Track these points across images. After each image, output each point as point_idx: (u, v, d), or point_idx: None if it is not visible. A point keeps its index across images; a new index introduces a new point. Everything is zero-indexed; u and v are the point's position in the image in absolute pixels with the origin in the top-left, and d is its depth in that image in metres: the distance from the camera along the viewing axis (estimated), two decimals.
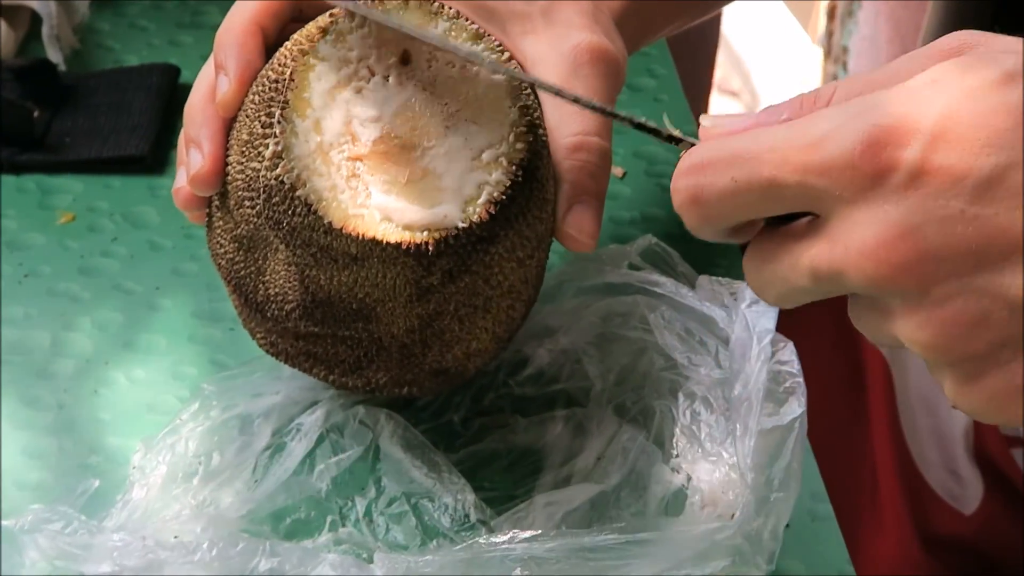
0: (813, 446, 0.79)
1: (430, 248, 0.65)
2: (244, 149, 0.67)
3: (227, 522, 0.71)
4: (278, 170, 0.65)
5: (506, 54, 0.69)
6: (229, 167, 0.69)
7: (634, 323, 0.78)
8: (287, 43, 0.68)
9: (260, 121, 0.66)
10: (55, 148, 0.98)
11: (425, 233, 0.65)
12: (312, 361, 0.73)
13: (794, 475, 0.67)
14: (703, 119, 0.57)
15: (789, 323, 0.72)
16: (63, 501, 0.71)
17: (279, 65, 0.67)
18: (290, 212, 0.65)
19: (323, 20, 0.67)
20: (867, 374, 1.11)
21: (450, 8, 0.68)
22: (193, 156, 0.70)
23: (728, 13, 1.80)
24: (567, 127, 0.71)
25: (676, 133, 0.58)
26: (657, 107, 1.04)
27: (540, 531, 0.66)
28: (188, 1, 1.14)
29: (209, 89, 0.71)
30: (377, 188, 0.65)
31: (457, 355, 0.71)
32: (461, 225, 0.65)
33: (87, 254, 0.91)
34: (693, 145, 0.57)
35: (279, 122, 0.65)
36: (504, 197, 0.66)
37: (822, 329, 1.10)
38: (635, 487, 0.73)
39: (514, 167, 0.67)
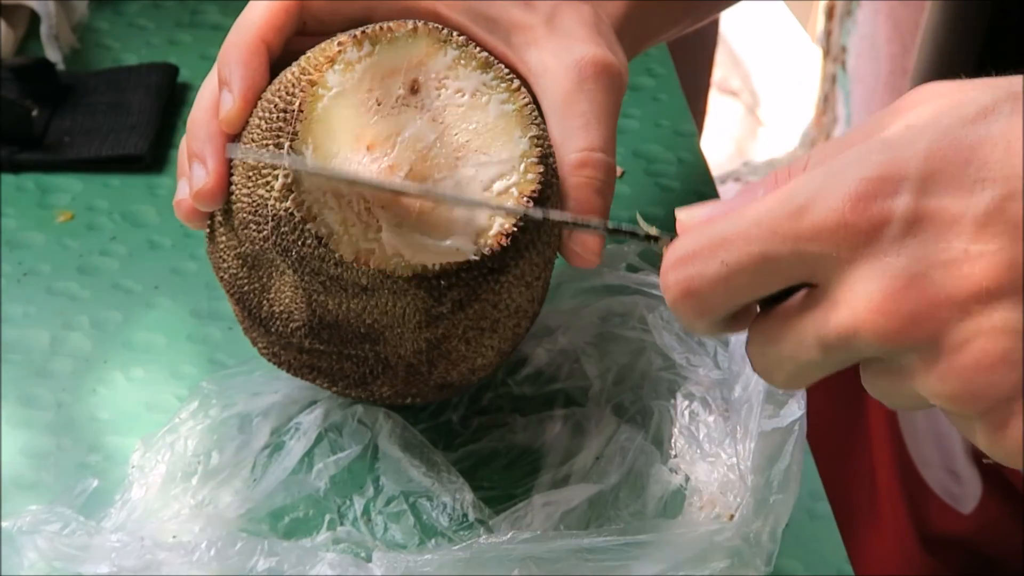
0: (811, 445, 0.79)
1: (442, 282, 0.65)
2: (251, 174, 0.67)
3: (225, 521, 0.72)
4: (288, 203, 0.64)
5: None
6: (234, 187, 0.68)
7: (633, 323, 0.78)
8: (294, 70, 0.67)
9: (267, 151, 0.66)
10: (54, 147, 0.98)
11: (437, 266, 0.65)
12: (316, 373, 0.73)
13: (793, 477, 0.67)
14: (679, 212, 0.56)
15: None
16: (61, 501, 0.71)
17: (287, 94, 0.66)
18: (300, 243, 0.65)
19: (331, 50, 0.66)
20: None
21: (459, 36, 0.67)
22: (197, 171, 0.69)
23: (727, 13, 1.80)
24: (572, 143, 0.71)
25: (654, 232, 0.57)
26: (656, 106, 1.04)
27: (539, 531, 0.66)
28: (187, 0, 1.14)
29: (212, 102, 0.70)
30: (388, 221, 0.65)
31: (463, 371, 0.71)
32: (473, 258, 0.65)
33: (86, 253, 0.91)
34: (674, 239, 0.55)
35: (289, 153, 0.64)
36: (516, 228, 0.66)
37: None
38: (633, 487, 0.73)
39: (525, 199, 0.66)
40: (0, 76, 1.00)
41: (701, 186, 0.97)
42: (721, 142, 2.78)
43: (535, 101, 0.72)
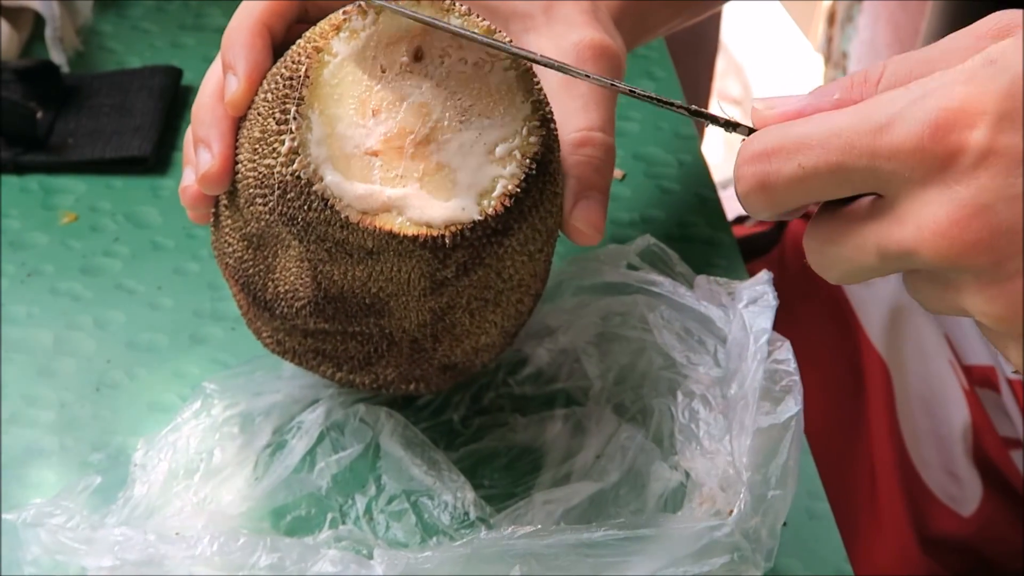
0: (812, 446, 0.79)
1: (447, 241, 0.65)
2: (257, 147, 0.67)
3: (228, 519, 0.72)
4: (294, 166, 0.65)
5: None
6: (239, 165, 0.69)
7: (633, 322, 0.78)
8: (300, 41, 0.68)
9: (275, 118, 0.66)
10: (58, 149, 0.99)
11: (442, 225, 0.66)
12: (320, 358, 0.73)
13: (791, 473, 0.67)
14: (755, 102, 0.57)
15: (788, 323, 0.73)
16: (65, 496, 0.71)
17: (292, 63, 0.67)
18: (306, 207, 0.66)
19: (336, 18, 0.67)
20: (866, 375, 1.11)
21: (461, 5, 0.68)
22: (202, 155, 0.70)
23: (728, 19, 1.80)
24: (572, 122, 0.72)
25: (733, 119, 0.59)
26: (657, 110, 1.04)
27: (539, 527, 0.67)
28: (190, 3, 1.15)
29: (217, 89, 0.71)
30: (393, 184, 0.66)
31: (467, 349, 0.72)
32: (477, 218, 0.66)
33: (89, 254, 0.92)
34: (751, 131, 0.57)
35: (295, 118, 0.65)
36: (519, 190, 0.67)
37: (821, 329, 1.11)
38: (634, 485, 0.73)
39: (528, 160, 0.67)
40: (4, 78, 1.01)
41: (702, 189, 0.97)
42: (720, 148, 2.78)
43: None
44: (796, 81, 2.79)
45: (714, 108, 0.61)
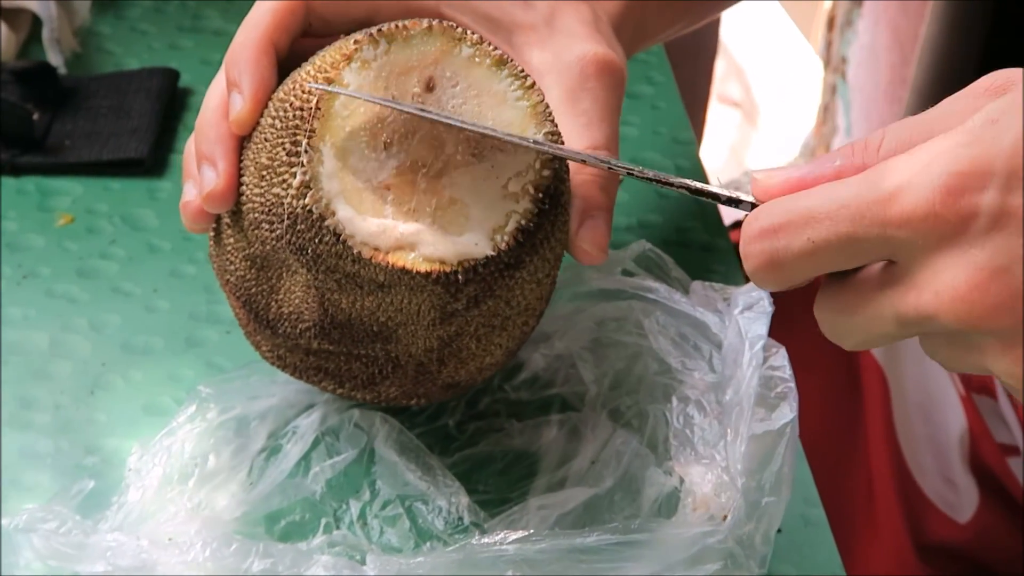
0: (808, 452, 0.79)
1: (459, 277, 0.65)
2: (264, 173, 0.67)
3: (221, 524, 0.72)
4: (306, 200, 0.64)
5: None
6: (244, 187, 0.68)
7: (629, 328, 0.78)
8: (309, 68, 0.67)
9: (284, 148, 0.65)
10: (55, 150, 0.98)
11: (456, 262, 0.65)
12: (322, 375, 0.73)
13: (785, 480, 0.67)
14: (754, 173, 0.57)
15: (784, 328, 0.73)
16: (58, 501, 0.71)
17: (303, 92, 0.66)
18: (316, 240, 0.65)
19: (346, 47, 0.66)
20: (863, 381, 1.11)
21: (473, 34, 0.67)
22: (207, 173, 0.69)
23: (729, 22, 1.80)
24: (576, 141, 0.72)
25: (735, 195, 0.58)
26: (655, 114, 1.04)
27: (533, 531, 0.66)
28: (188, 5, 1.15)
29: (221, 104, 0.70)
30: (406, 218, 0.65)
31: (471, 370, 0.72)
32: (490, 253, 0.65)
33: (86, 256, 0.91)
34: (754, 206, 0.57)
35: (306, 151, 0.64)
36: (531, 225, 0.66)
37: (817, 336, 1.11)
38: (628, 490, 0.73)
39: (540, 194, 0.67)
40: (2, 79, 1.01)
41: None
42: (720, 151, 2.78)
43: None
44: (797, 84, 2.79)
45: (713, 182, 0.60)
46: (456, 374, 0.72)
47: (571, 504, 0.72)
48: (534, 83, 0.68)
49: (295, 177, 0.65)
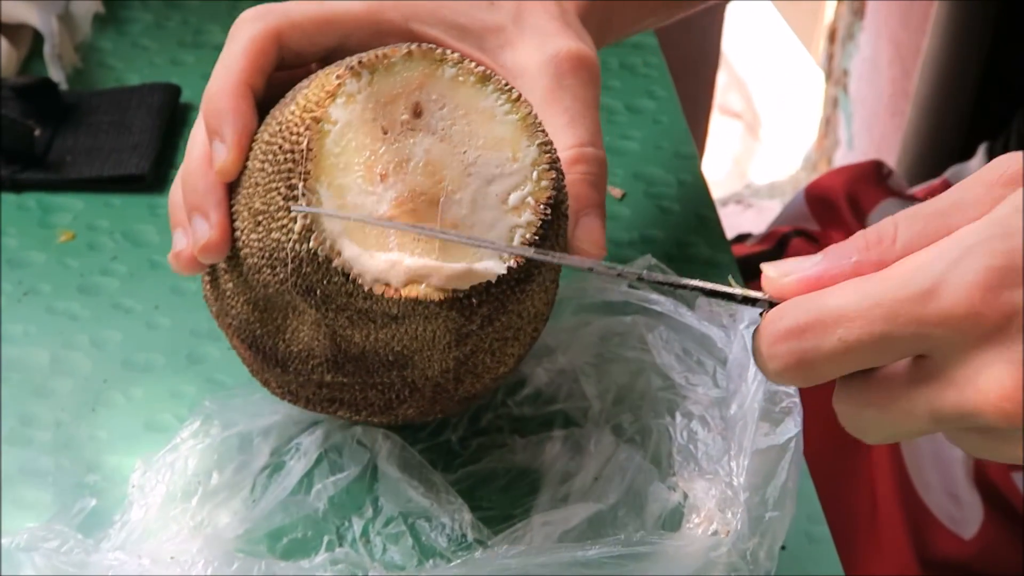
0: (811, 468, 0.79)
1: (473, 301, 0.65)
2: (260, 218, 0.66)
3: (223, 542, 0.71)
4: (310, 243, 0.63)
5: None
6: (239, 232, 0.68)
7: (632, 343, 0.78)
8: (292, 108, 0.66)
9: (280, 193, 0.65)
10: (56, 166, 0.98)
11: (466, 287, 0.65)
12: (337, 405, 0.72)
13: (789, 495, 0.67)
14: (766, 268, 0.56)
15: None
16: (59, 520, 0.70)
17: (291, 134, 0.65)
18: (324, 281, 0.64)
19: (329, 83, 0.65)
20: None
21: (452, 53, 0.67)
22: (199, 225, 0.68)
23: (730, 34, 1.80)
24: (562, 140, 0.71)
25: (749, 293, 0.57)
26: (657, 129, 1.04)
27: (536, 546, 0.66)
28: (190, 21, 1.15)
29: (205, 153, 0.69)
30: (412, 249, 0.65)
31: (486, 382, 0.72)
32: (501, 272, 0.65)
33: (87, 272, 0.91)
34: (771, 303, 0.55)
35: (304, 194, 0.63)
36: (537, 238, 0.66)
37: None
38: (632, 506, 0.73)
39: (542, 206, 0.66)
40: (3, 95, 1.01)
41: (701, 208, 0.97)
42: (723, 163, 2.78)
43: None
44: (799, 97, 2.79)
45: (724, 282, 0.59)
46: (472, 388, 0.71)
47: (575, 520, 0.72)
48: (520, 95, 0.68)
49: (295, 222, 0.64)
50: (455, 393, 0.71)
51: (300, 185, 0.64)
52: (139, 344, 0.86)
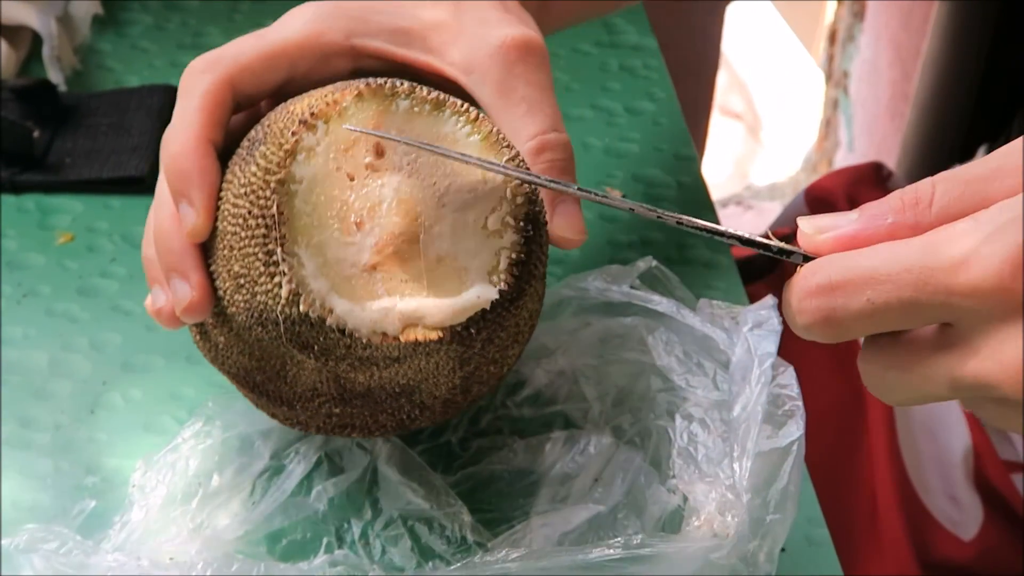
0: (811, 471, 0.79)
1: (472, 331, 0.65)
2: (242, 281, 0.65)
3: (223, 543, 0.71)
4: (301, 307, 0.63)
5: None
6: (222, 292, 0.66)
7: (632, 344, 0.78)
8: (253, 169, 0.64)
9: (258, 259, 0.63)
10: (55, 168, 0.98)
11: (463, 319, 0.64)
12: (349, 429, 0.72)
13: (791, 498, 0.67)
14: (801, 223, 0.56)
15: (789, 348, 0.72)
16: (59, 522, 0.70)
17: (258, 199, 0.63)
18: (321, 338, 0.64)
19: (286, 140, 0.64)
20: (867, 400, 1.11)
21: (401, 84, 0.66)
22: (179, 287, 0.67)
23: (731, 35, 1.80)
24: (523, 131, 0.70)
25: (785, 245, 0.57)
26: (656, 131, 1.04)
27: (535, 548, 0.66)
28: (189, 23, 1.15)
29: (175, 214, 0.68)
30: (402, 291, 0.64)
31: (492, 385, 0.72)
32: (494, 298, 0.65)
33: (86, 274, 0.91)
34: (805, 258, 0.56)
35: (284, 259, 0.63)
36: (523, 256, 0.66)
37: (822, 355, 1.10)
38: (632, 508, 0.73)
39: (522, 223, 0.66)
40: (2, 97, 1.01)
41: (701, 210, 0.97)
42: (723, 164, 2.78)
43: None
44: (800, 98, 2.79)
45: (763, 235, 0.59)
46: (480, 392, 0.72)
47: (575, 522, 0.72)
48: (478, 114, 0.67)
49: (280, 287, 0.63)
50: (464, 402, 0.72)
51: (278, 251, 0.63)
52: (138, 346, 0.86)
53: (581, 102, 1.06)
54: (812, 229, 0.56)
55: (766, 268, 1.21)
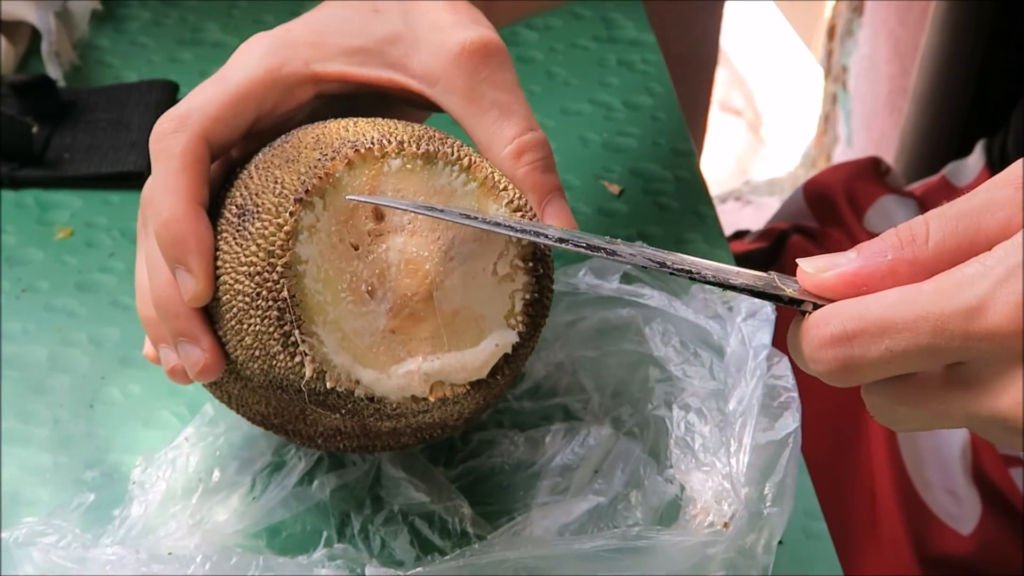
0: (810, 465, 0.79)
1: (497, 377, 0.66)
2: (256, 353, 0.64)
3: (222, 537, 0.71)
4: (327, 383, 0.63)
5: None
6: (234, 356, 0.66)
7: (630, 335, 0.78)
8: (256, 250, 0.63)
9: (275, 339, 0.63)
10: (54, 164, 0.98)
11: (487, 370, 0.65)
12: (370, 449, 0.73)
13: (788, 490, 0.67)
14: (802, 264, 0.56)
15: (784, 339, 0.73)
16: (58, 515, 0.71)
17: (265, 281, 0.63)
18: (349, 404, 0.64)
19: (285, 221, 0.63)
20: None
21: (391, 144, 0.65)
22: (190, 351, 0.66)
23: (730, 31, 1.80)
24: (500, 137, 0.70)
25: (796, 294, 0.56)
26: (655, 125, 1.04)
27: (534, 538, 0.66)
28: (188, 18, 1.15)
29: (171, 278, 0.66)
30: (423, 352, 0.65)
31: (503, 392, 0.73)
32: (514, 341, 0.66)
33: (85, 270, 0.91)
34: (814, 305, 0.56)
35: (304, 341, 0.62)
36: (536, 294, 0.66)
37: None
38: (632, 499, 0.73)
39: (531, 263, 0.66)
40: (1, 92, 1.01)
41: (699, 205, 0.97)
42: (722, 160, 2.78)
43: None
44: (799, 94, 2.79)
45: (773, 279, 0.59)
46: (495, 398, 0.72)
47: (575, 513, 0.72)
48: (471, 161, 0.67)
49: (303, 366, 0.63)
50: (483, 413, 0.73)
51: (296, 332, 0.62)
52: (137, 341, 0.86)
53: (579, 97, 1.06)
54: (813, 268, 0.56)
55: (764, 263, 1.21)
